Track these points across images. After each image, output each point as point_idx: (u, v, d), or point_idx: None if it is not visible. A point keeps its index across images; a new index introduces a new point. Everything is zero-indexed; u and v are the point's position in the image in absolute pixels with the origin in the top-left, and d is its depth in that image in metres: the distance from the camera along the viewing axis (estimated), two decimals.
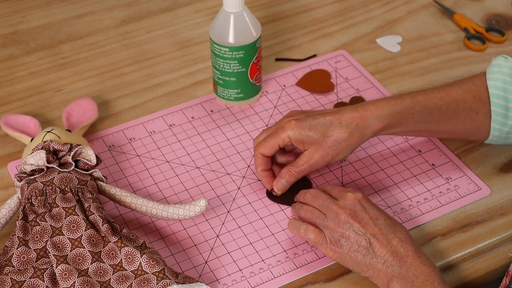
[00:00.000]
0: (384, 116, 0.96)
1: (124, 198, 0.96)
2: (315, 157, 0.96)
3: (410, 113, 0.96)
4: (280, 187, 0.99)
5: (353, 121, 0.95)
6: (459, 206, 1.00)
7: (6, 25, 1.31)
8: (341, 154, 0.97)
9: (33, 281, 0.86)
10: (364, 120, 0.95)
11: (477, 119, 0.99)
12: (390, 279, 0.86)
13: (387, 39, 1.26)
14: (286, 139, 0.97)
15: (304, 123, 0.96)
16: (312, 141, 0.96)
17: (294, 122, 0.96)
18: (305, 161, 0.97)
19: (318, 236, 0.90)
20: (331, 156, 0.96)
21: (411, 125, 0.98)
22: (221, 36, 1.07)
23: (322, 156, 0.96)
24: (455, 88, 0.99)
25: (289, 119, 0.98)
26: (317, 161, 0.97)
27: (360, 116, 0.95)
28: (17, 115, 1.08)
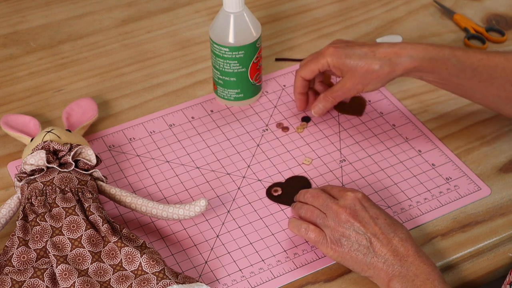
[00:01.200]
0: (418, 58, 0.99)
1: (124, 198, 0.96)
2: (347, 84, 1.03)
3: (444, 63, 0.99)
4: (318, 110, 1.08)
5: (387, 55, 1.00)
6: (459, 206, 1.00)
7: (6, 25, 1.31)
8: (371, 85, 1.02)
9: (33, 281, 0.86)
10: (397, 56, 1.00)
11: (510, 90, 1.00)
12: (390, 278, 0.86)
13: (387, 39, 1.26)
14: (325, 64, 1.04)
15: (342, 51, 1.03)
16: (347, 69, 1.02)
17: (332, 49, 1.03)
18: (339, 87, 1.04)
19: (319, 235, 0.90)
20: (362, 85, 1.02)
21: (443, 75, 1.01)
22: (221, 36, 1.07)
23: (353, 84, 1.03)
24: (497, 55, 1.00)
25: (329, 46, 1.04)
26: (349, 88, 1.03)
27: (395, 52, 1.00)
28: (17, 115, 1.08)
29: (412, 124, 1.11)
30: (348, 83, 1.03)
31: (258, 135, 1.10)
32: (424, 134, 1.09)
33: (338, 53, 1.03)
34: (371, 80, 1.02)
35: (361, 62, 1.01)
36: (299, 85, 1.08)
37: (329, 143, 1.09)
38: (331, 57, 1.03)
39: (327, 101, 1.06)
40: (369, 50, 1.02)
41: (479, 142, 1.08)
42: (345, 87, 1.03)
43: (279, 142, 1.09)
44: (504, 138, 1.09)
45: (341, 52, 1.03)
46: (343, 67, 1.02)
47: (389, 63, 1.00)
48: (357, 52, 1.02)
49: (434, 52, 0.99)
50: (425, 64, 1.00)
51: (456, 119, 1.12)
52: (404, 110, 1.13)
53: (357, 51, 1.02)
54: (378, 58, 1.01)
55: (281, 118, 1.13)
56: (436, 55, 0.99)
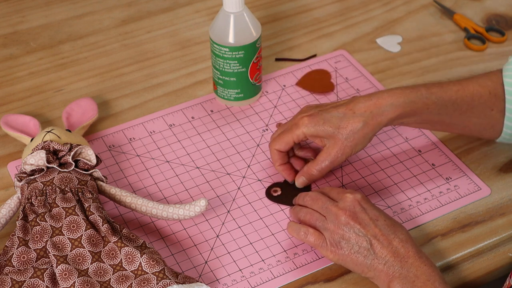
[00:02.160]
0: (399, 104, 0.95)
1: (124, 198, 0.96)
2: (334, 151, 0.96)
3: (425, 103, 0.96)
4: (301, 183, 1.01)
5: (367, 109, 0.95)
6: (459, 206, 1.00)
7: (6, 25, 1.31)
8: (359, 145, 0.96)
9: (33, 281, 0.86)
10: (378, 107, 0.95)
11: (491, 115, 0.99)
12: (391, 279, 0.86)
13: (387, 39, 1.26)
14: (301, 135, 0.97)
15: (318, 118, 0.96)
16: (328, 135, 0.96)
17: (307, 118, 0.97)
18: (325, 157, 0.97)
19: (318, 239, 0.90)
20: (349, 148, 0.96)
21: (425, 115, 0.97)
22: (221, 36, 1.07)
23: (340, 149, 0.96)
24: (471, 83, 0.99)
25: (302, 115, 0.98)
26: (336, 155, 0.96)
27: (374, 104, 0.95)
28: (17, 115, 1.08)
29: None
30: (334, 150, 0.96)
31: (258, 135, 1.10)
32: (424, 134, 1.09)
33: (314, 120, 0.96)
34: (358, 140, 0.95)
35: (342, 123, 0.95)
36: (277, 158, 1.01)
37: None
38: (307, 127, 0.96)
39: (311, 175, 0.99)
40: (347, 109, 0.96)
41: (479, 142, 1.08)
42: (332, 156, 0.96)
43: None
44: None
45: (317, 118, 0.96)
46: (322, 134, 0.96)
47: (372, 116, 0.95)
48: (334, 115, 0.96)
49: (412, 94, 0.95)
50: (407, 109, 0.95)
51: None
52: None
53: (334, 113, 0.96)
54: (359, 115, 0.95)
55: (281, 118, 1.13)
56: (414, 97, 0.95)
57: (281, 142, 0.99)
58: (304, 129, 0.97)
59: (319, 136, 0.97)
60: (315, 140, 0.98)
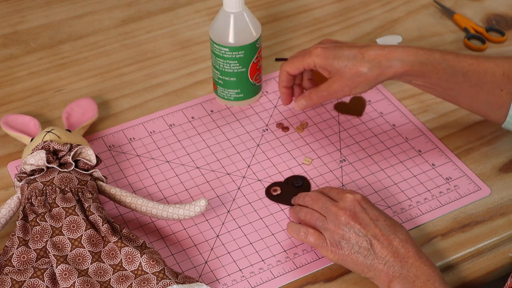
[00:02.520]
0: (408, 62, 0.97)
1: (124, 198, 0.96)
2: (334, 86, 1.00)
3: (435, 67, 0.97)
4: (300, 105, 1.05)
5: (376, 58, 0.98)
6: (459, 206, 1.00)
7: (6, 25, 1.31)
8: (359, 88, 1.00)
9: (33, 281, 0.86)
10: (387, 59, 0.98)
11: (500, 95, 0.99)
12: (391, 279, 0.86)
13: (387, 39, 1.26)
14: (311, 63, 1.02)
15: (330, 52, 1.00)
16: (335, 71, 1.00)
17: (320, 49, 1.01)
18: (325, 88, 1.02)
19: (319, 239, 0.90)
20: (349, 87, 1.00)
21: (433, 79, 0.99)
22: (221, 36, 1.07)
23: (340, 86, 1.00)
24: (488, 60, 0.99)
25: (317, 45, 1.02)
26: (335, 90, 1.01)
27: (385, 55, 0.98)
28: (17, 115, 1.08)
29: (412, 124, 1.11)
30: (335, 85, 1.00)
31: (258, 135, 1.10)
32: (424, 134, 1.09)
33: (326, 53, 1.00)
34: (359, 83, 0.99)
35: (349, 63, 0.98)
36: (283, 79, 1.07)
37: (329, 143, 1.09)
38: (318, 58, 1.01)
39: (311, 100, 1.04)
40: (358, 52, 0.99)
41: (479, 142, 1.08)
42: (331, 89, 1.01)
43: (279, 142, 1.09)
44: (504, 138, 1.09)
45: (329, 52, 1.00)
46: (331, 68, 1.00)
47: (379, 65, 0.98)
48: (345, 53, 0.99)
49: (425, 56, 0.98)
50: (416, 68, 0.97)
51: (456, 119, 1.12)
52: (404, 110, 1.13)
53: (346, 52, 0.99)
54: (367, 61, 0.98)
55: (281, 118, 1.13)
56: (427, 59, 0.97)
57: (292, 65, 1.04)
58: (315, 59, 1.01)
59: (326, 69, 1.01)
60: (323, 72, 1.02)
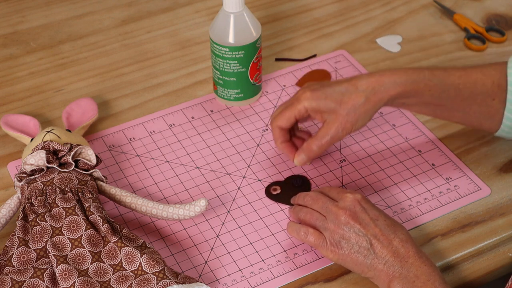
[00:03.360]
0: (401, 82, 0.94)
1: (124, 198, 0.96)
2: (334, 127, 0.95)
3: (427, 84, 0.95)
4: (301, 161, 0.98)
5: (369, 85, 0.94)
6: (459, 206, 1.00)
7: (6, 25, 1.31)
8: (360, 121, 0.95)
9: (33, 281, 0.86)
10: (380, 84, 0.94)
11: (492, 105, 0.99)
12: (391, 279, 0.86)
13: (387, 39, 1.26)
14: (302, 110, 0.96)
15: (320, 93, 0.95)
16: (329, 110, 0.95)
17: (309, 92, 0.95)
18: (325, 132, 0.96)
19: (319, 239, 0.90)
20: (350, 123, 0.95)
21: (426, 97, 0.97)
22: (221, 36, 1.07)
23: (341, 125, 0.95)
24: (475, 71, 0.98)
25: (304, 89, 0.97)
26: (337, 131, 0.95)
27: (376, 81, 0.94)
28: (17, 115, 1.08)
29: (412, 124, 1.11)
30: (334, 125, 0.95)
31: (258, 135, 1.10)
32: (424, 134, 1.09)
33: (315, 95, 0.95)
34: (359, 116, 0.94)
35: (344, 98, 0.94)
36: (278, 135, 0.99)
37: None
38: (309, 101, 0.95)
39: (311, 151, 0.97)
40: (349, 84, 0.95)
41: (479, 142, 1.08)
42: (332, 131, 0.95)
43: None
44: (504, 138, 1.09)
45: (319, 93, 0.95)
46: (324, 109, 0.95)
47: (374, 92, 0.94)
48: (336, 90, 0.95)
49: (415, 74, 0.95)
50: (409, 88, 0.95)
51: None
52: (404, 111, 1.13)
53: (337, 88, 0.95)
54: (362, 91, 0.94)
55: None
56: (417, 77, 0.95)
57: (282, 119, 0.97)
58: (305, 103, 0.95)
59: (320, 110, 0.95)
60: (316, 116, 0.97)
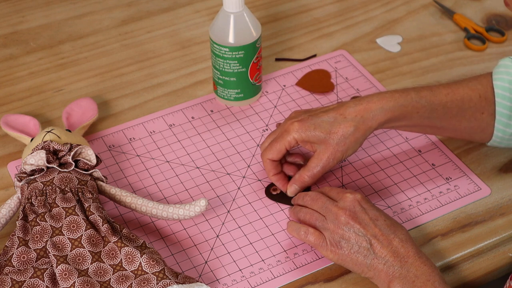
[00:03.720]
0: (388, 108, 0.95)
1: (124, 198, 0.96)
2: (325, 156, 0.96)
3: (415, 107, 0.96)
4: (294, 191, 0.99)
5: (357, 114, 0.95)
6: (459, 206, 1.00)
7: (6, 25, 1.31)
8: (350, 149, 0.96)
9: (33, 281, 0.86)
10: (368, 111, 0.95)
11: (482, 119, 0.99)
12: (391, 279, 0.86)
13: (387, 39, 1.26)
14: (292, 141, 0.96)
15: (308, 123, 0.95)
16: (319, 140, 0.95)
17: (297, 124, 0.96)
18: (316, 163, 0.96)
19: (318, 238, 0.90)
20: (340, 152, 0.95)
21: (415, 119, 0.97)
22: (221, 36, 1.07)
23: (332, 154, 0.95)
24: (461, 86, 0.98)
25: (292, 121, 0.97)
26: (328, 160, 0.96)
27: (364, 109, 0.95)
28: (17, 115, 1.08)
29: None
30: (325, 155, 0.95)
31: (258, 135, 1.10)
32: (424, 134, 1.09)
33: (305, 126, 0.95)
34: (349, 145, 0.95)
35: (333, 128, 0.94)
36: (270, 168, 0.99)
37: None
38: (298, 132, 0.95)
39: (303, 182, 0.98)
40: (337, 113, 0.95)
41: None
42: (323, 161, 0.96)
43: None
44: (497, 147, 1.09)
45: (308, 124, 0.95)
46: (314, 139, 0.95)
47: (362, 120, 0.94)
48: (325, 120, 0.95)
49: (402, 98, 0.95)
50: (397, 113, 0.95)
51: None
52: None
53: (325, 118, 0.95)
54: (350, 119, 0.94)
55: (281, 118, 1.13)
56: (404, 100, 0.95)
57: (273, 151, 0.98)
58: (295, 135, 0.96)
59: (310, 141, 0.96)
60: (306, 146, 0.97)
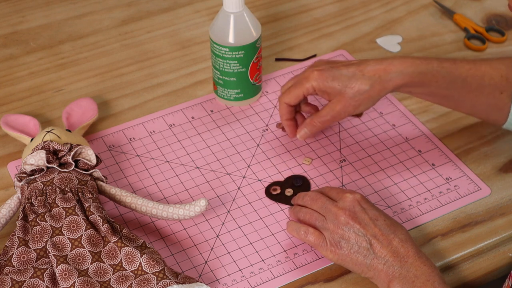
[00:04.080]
0: (407, 73, 0.96)
1: (124, 198, 0.96)
2: (337, 108, 0.98)
3: (434, 76, 0.97)
4: (303, 135, 1.02)
5: (376, 73, 0.96)
6: (459, 206, 1.00)
7: (6, 25, 1.31)
8: (362, 106, 0.98)
9: (33, 281, 0.86)
10: (387, 73, 0.96)
11: (500, 98, 0.99)
12: (390, 279, 0.86)
13: (387, 39, 1.26)
14: (310, 89, 0.99)
15: (327, 74, 0.98)
16: (335, 92, 0.97)
17: (317, 72, 0.98)
18: (328, 111, 0.99)
19: (318, 238, 0.90)
20: (352, 107, 0.98)
21: (433, 88, 0.98)
22: (221, 36, 1.07)
23: (344, 107, 0.98)
24: (484, 64, 0.99)
25: (312, 69, 0.99)
26: (339, 112, 0.98)
27: (384, 69, 0.96)
28: (17, 115, 1.08)
29: (412, 124, 1.11)
30: (338, 106, 0.98)
31: (258, 135, 1.10)
32: (424, 134, 1.09)
33: (324, 76, 0.97)
34: (362, 101, 0.97)
35: (350, 83, 0.96)
36: (285, 112, 1.02)
37: (329, 143, 1.09)
38: (316, 81, 0.98)
39: (314, 126, 1.01)
40: (357, 69, 0.97)
41: (479, 142, 1.08)
42: (335, 111, 0.98)
43: (279, 142, 1.09)
44: (504, 138, 1.09)
45: (327, 74, 0.97)
46: (330, 90, 0.97)
47: (379, 80, 0.96)
48: (344, 73, 0.97)
49: (423, 65, 0.96)
50: (415, 79, 0.96)
51: (456, 119, 1.12)
52: (404, 110, 1.13)
53: (344, 71, 0.97)
54: (368, 77, 0.96)
55: None
56: (425, 68, 0.96)
57: (291, 96, 1.00)
58: (313, 83, 0.98)
59: (326, 91, 0.98)
60: (322, 95, 0.99)
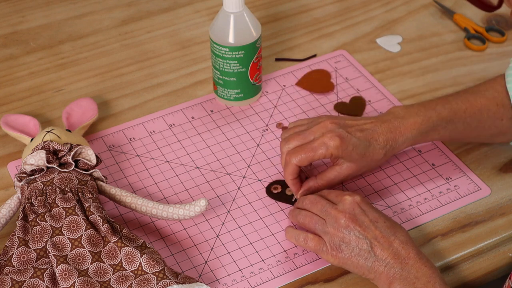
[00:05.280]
0: (412, 137, 0.98)
1: (124, 198, 0.96)
2: (346, 172, 0.97)
3: (435, 130, 0.99)
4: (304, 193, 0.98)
5: (387, 143, 0.97)
6: (459, 206, 1.00)
7: (6, 25, 1.31)
8: (369, 169, 1.01)
9: (33, 281, 0.86)
10: (395, 141, 0.98)
11: (501, 125, 1.01)
12: (391, 281, 0.86)
13: (387, 39, 1.26)
14: (327, 155, 0.94)
15: (347, 143, 0.94)
16: (350, 160, 0.96)
17: (339, 140, 0.93)
18: (335, 175, 0.97)
19: (318, 244, 0.90)
20: (360, 171, 0.99)
21: (436, 137, 1.01)
22: (221, 36, 1.07)
23: (353, 172, 0.98)
24: (478, 97, 1.00)
25: (331, 134, 0.94)
26: (346, 176, 0.98)
27: (393, 139, 0.97)
28: (17, 115, 1.08)
29: None
30: (348, 172, 0.97)
31: (258, 135, 1.10)
32: None
33: (345, 145, 0.93)
34: (371, 167, 1.00)
35: (367, 152, 0.96)
36: (292, 172, 0.96)
37: None
38: (337, 150, 0.93)
39: (317, 189, 0.98)
40: (372, 139, 0.96)
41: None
42: (343, 175, 0.97)
43: (279, 142, 1.09)
44: None
45: (347, 143, 0.94)
46: (346, 158, 0.95)
47: (391, 149, 0.98)
48: (362, 143, 0.95)
49: (424, 125, 0.97)
50: (419, 138, 0.99)
51: None
52: None
53: (363, 141, 0.95)
54: (382, 147, 0.97)
55: (281, 118, 1.13)
56: (426, 127, 0.98)
57: (304, 159, 0.94)
58: (333, 151, 0.94)
59: (342, 159, 0.96)
60: (333, 160, 0.97)
